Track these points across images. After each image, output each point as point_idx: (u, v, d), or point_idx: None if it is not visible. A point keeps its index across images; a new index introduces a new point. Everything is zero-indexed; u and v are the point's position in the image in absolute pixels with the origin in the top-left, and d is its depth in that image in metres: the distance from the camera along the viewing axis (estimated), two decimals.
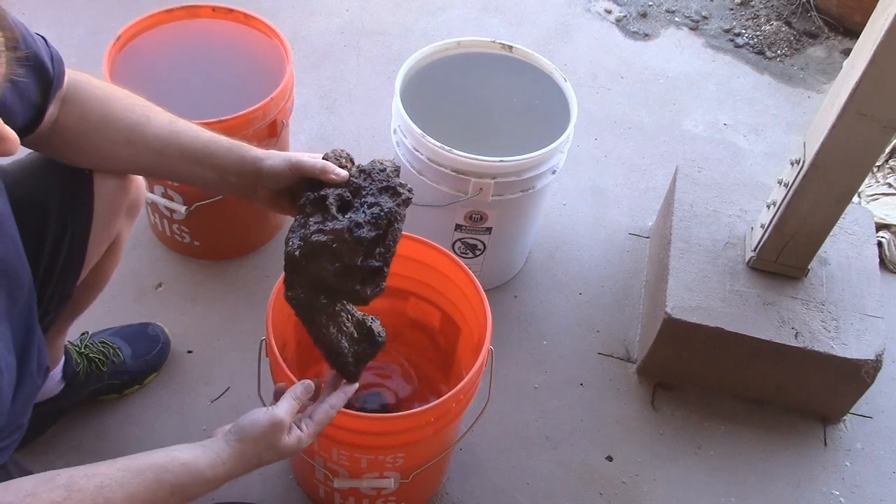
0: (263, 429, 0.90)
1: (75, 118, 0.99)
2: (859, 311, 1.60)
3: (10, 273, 0.92)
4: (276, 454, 0.92)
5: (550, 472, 1.52)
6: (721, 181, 1.80)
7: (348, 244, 0.91)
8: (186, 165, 1.01)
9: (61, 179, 1.06)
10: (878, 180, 2.09)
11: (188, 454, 0.87)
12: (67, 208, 1.07)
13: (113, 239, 1.20)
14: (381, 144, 2.05)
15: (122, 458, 0.85)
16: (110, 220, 1.14)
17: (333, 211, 0.93)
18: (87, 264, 1.14)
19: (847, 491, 1.56)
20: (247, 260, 1.78)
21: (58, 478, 0.80)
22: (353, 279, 0.93)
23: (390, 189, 0.96)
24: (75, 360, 1.40)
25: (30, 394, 1.00)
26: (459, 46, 1.67)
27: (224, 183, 1.01)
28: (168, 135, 1.00)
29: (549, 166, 1.55)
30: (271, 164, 0.99)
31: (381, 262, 0.93)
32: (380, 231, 0.93)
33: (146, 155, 1.02)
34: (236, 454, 0.89)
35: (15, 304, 0.93)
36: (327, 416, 0.97)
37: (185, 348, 1.61)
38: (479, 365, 1.16)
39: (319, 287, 0.94)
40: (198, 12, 1.67)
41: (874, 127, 1.33)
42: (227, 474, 0.89)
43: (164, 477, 0.84)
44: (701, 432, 1.62)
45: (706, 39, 2.56)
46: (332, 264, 0.92)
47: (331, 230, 0.91)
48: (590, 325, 1.77)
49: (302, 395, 0.96)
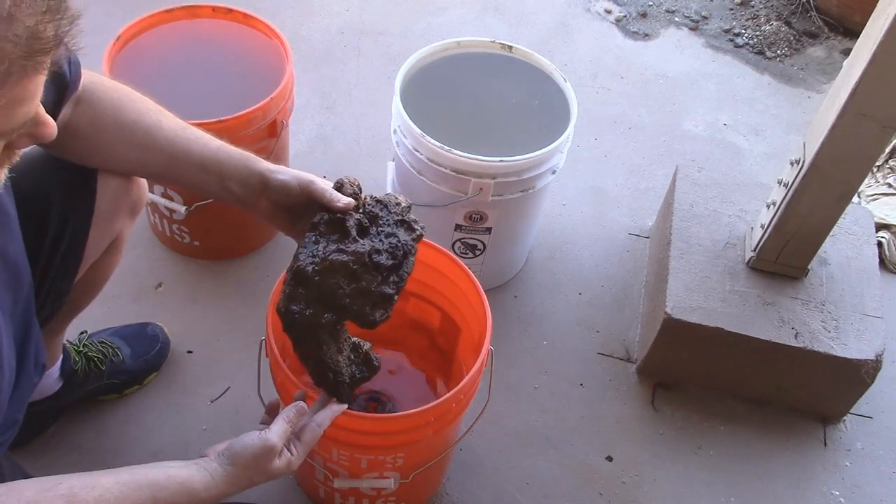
0: (256, 453, 0.92)
1: (87, 120, 0.99)
2: (859, 311, 1.60)
3: (15, 271, 0.93)
4: (266, 477, 0.94)
5: (550, 472, 1.52)
6: (721, 181, 1.80)
7: (367, 268, 0.94)
8: (194, 172, 1.02)
9: (65, 176, 1.06)
10: (878, 180, 2.09)
11: (184, 473, 0.89)
12: (69, 205, 1.07)
13: (114, 237, 1.20)
14: (381, 144, 2.05)
15: (121, 471, 0.86)
16: (112, 218, 1.14)
17: (354, 234, 0.96)
18: (86, 261, 1.15)
19: (847, 491, 1.56)
20: (247, 260, 1.78)
21: (59, 487, 0.80)
22: (366, 302, 0.95)
23: (405, 223, 1.00)
24: (73, 358, 1.40)
25: (26, 391, 1.00)
26: (459, 46, 1.67)
27: (227, 191, 1.02)
28: (178, 141, 1.01)
29: (549, 166, 1.55)
30: (282, 178, 1.00)
31: (394, 291, 0.97)
32: (396, 261, 0.97)
33: (155, 159, 1.03)
34: (228, 476, 0.91)
35: (17, 301, 0.94)
36: (314, 435, 0.98)
37: (185, 348, 1.61)
38: (479, 365, 1.16)
39: (327, 304, 0.95)
40: (198, 12, 1.67)
41: (874, 127, 1.33)
42: (219, 495, 0.91)
43: (161, 495, 0.86)
44: (701, 432, 1.62)
45: (706, 39, 2.56)
46: (348, 284, 0.94)
47: (352, 252, 0.94)
48: (590, 325, 1.77)
49: (294, 418, 0.97)
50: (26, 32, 0.60)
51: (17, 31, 0.59)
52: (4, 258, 0.91)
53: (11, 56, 0.59)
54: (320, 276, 0.93)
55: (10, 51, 0.59)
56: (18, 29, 0.59)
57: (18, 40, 0.59)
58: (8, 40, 0.59)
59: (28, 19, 0.60)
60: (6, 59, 0.59)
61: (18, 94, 0.63)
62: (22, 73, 0.61)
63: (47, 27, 0.61)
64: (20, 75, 0.61)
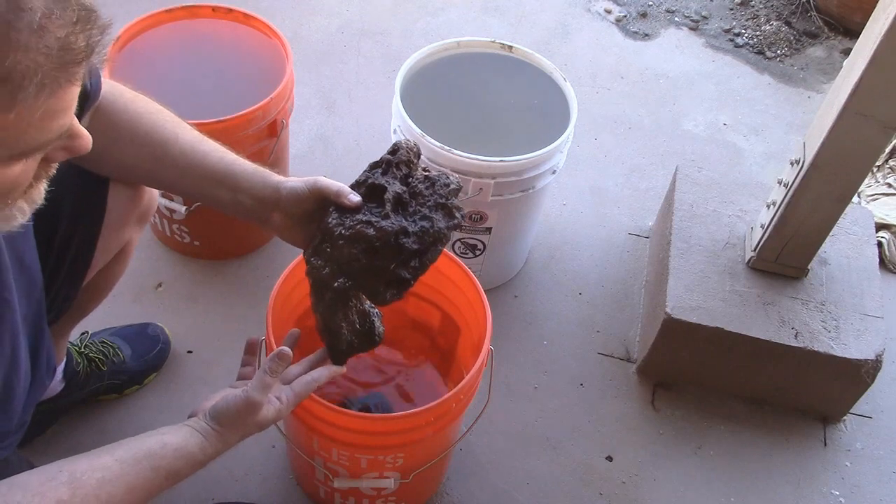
0: (240, 410, 0.93)
1: (102, 130, 0.99)
2: (859, 311, 1.60)
3: (30, 277, 0.94)
4: (257, 427, 0.95)
5: (550, 472, 1.52)
6: (721, 181, 1.80)
7: (390, 248, 0.93)
8: (207, 185, 1.03)
9: (77, 182, 1.06)
10: (878, 180, 2.09)
11: (177, 438, 0.90)
12: (79, 211, 1.07)
13: (122, 245, 1.21)
14: (381, 144, 2.05)
15: (118, 446, 0.88)
16: (121, 226, 1.15)
17: (388, 208, 0.95)
18: (94, 268, 1.15)
19: (847, 491, 1.56)
20: (247, 260, 1.78)
21: (59, 475, 0.81)
22: (380, 280, 0.95)
23: (446, 208, 0.97)
24: (75, 359, 1.40)
25: (38, 393, 1.01)
26: (459, 46, 1.67)
27: (240, 205, 1.02)
28: (193, 154, 1.02)
29: (549, 166, 1.55)
30: (291, 185, 1.01)
31: (411, 276, 0.95)
32: (422, 246, 0.95)
33: (168, 171, 1.03)
34: (218, 434, 0.93)
35: (31, 306, 0.95)
36: (307, 388, 0.99)
37: (185, 348, 1.61)
38: (479, 365, 1.16)
39: (343, 270, 0.95)
40: (198, 12, 1.67)
41: (874, 127, 1.33)
42: (215, 453, 0.93)
43: (160, 464, 0.88)
44: (701, 432, 1.62)
45: (706, 39, 2.56)
46: (367, 258, 0.93)
47: (379, 228, 0.93)
48: (590, 325, 1.77)
49: (276, 367, 0.96)
50: (58, 44, 0.59)
51: (48, 42, 0.59)
52: (22, 264, 0.91)
53: (44, 68, 0.59)
54: (343, 241, 0.93)
55: (42, 63, 0.59)
56: (50, 41, 0.59)
57: (50, 52, 0.59)
58: (40, 52, 0.58)
59: (59, 31, 0.59)
60: (39, 71, 0.59)
61: (53, 105, 0.62)
62: (55, 85, 0.61)
63: (79, 38, 0.61)
64: (54, 87, 0.61)
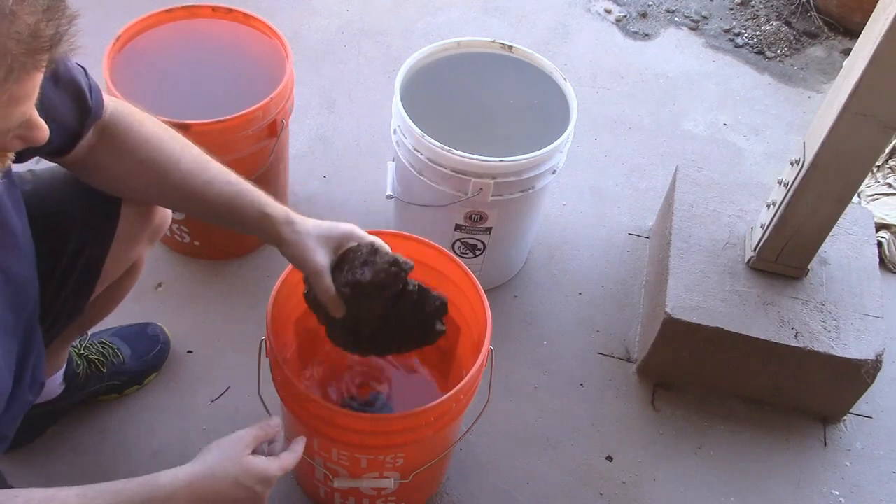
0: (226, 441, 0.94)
1: (108, 150, 1.00)
2: (859, 311, 1.60)
3: (20, 289, 0.93)
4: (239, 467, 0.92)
5: (550, 472, 1.52)
6: (721, 181, 1.80)
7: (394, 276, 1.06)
8: (210, 216, 1.05)
9: (90, 198, 1.06)
10: (878, 180, 2.09)
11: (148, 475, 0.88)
12: (90, 227, 1.07)
13: (132, 261, 1.20)
14: (381, 144, 2.05)
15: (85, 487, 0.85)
16: (131, 244, 1.14)
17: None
18: (103, 282, 1.14)
19: (847, 491, 1.56)
20: (247, 260, 1.78)
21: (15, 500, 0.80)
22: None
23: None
24: (75, 361, 1.40)
25: (19, 409, 0.98)
26: (459, 46, 1.67)
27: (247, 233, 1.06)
28: (194, 182, 1.02)
29: (549, 166, 1.55)
30: (290, 253, 1.04)
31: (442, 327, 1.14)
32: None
33: (171, 196, 1.05)
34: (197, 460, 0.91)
35: (20, 319, 0.93)
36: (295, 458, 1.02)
37: (185, 348, 1.61)
38: (479, 365, 1.16)
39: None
40: (198, 12, 1.66)
41: (874, 127, 1.33)
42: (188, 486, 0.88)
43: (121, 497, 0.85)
44: (701, 432, 1.62)
45: (706, 39, 2.56)
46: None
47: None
48: (590, 325, 1.77)
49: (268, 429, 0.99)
50: (27, 30, 0.62)
51: (18, 28, 0.61)
52: (7, 276, 0.90)
53: (13, 53, 0.62)
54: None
55: (12, 48, 0.61)
56: (20, 26, 0.61)
57: (20, 37, 0.61)
58: (10, 38, 0.61)
59: (29, 17, 0.62)
60: (8, 55, 0.61)
61: (18, 91, 0.64)
62: (22, 71, 0.63)
63: (47, 25, 0.63)
64: (21, 73, 0.63)
